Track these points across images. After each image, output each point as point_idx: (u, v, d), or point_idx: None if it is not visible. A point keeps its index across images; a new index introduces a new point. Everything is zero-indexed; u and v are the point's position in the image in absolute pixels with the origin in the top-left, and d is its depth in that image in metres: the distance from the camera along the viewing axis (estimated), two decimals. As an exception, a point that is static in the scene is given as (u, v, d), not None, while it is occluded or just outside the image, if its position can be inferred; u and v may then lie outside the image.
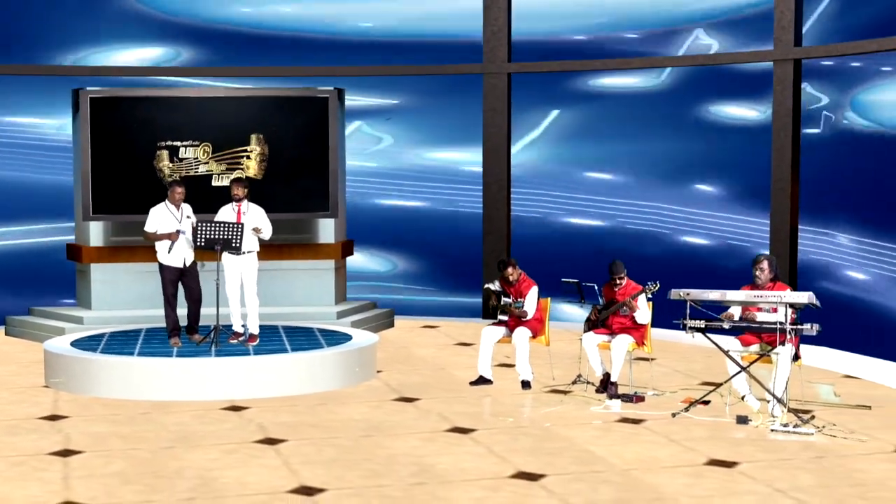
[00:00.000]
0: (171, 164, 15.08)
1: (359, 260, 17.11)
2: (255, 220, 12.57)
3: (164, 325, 13.02)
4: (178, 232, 12.52)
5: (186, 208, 12.74)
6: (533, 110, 17.12)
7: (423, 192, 17.60)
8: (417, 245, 17.59)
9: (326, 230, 15.89)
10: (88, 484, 8.54)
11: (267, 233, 12.67)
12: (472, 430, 10.16)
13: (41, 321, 15.34)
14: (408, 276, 17.70)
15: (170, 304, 12.67)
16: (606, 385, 11.49)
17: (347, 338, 13.03)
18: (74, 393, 11.79)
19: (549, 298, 12.30)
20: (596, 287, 11.92)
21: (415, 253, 17.67)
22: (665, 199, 16.49)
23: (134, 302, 15.10)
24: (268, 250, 13.42)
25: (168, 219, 12.59)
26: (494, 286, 12.22)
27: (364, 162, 17.52)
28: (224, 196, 13.07)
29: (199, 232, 12.34)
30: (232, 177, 14.61)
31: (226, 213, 12.67)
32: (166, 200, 12.71)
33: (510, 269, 12.00)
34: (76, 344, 12.64)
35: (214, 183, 15.09)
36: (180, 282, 12.71)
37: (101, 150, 15.12)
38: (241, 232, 12.36)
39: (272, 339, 12.97)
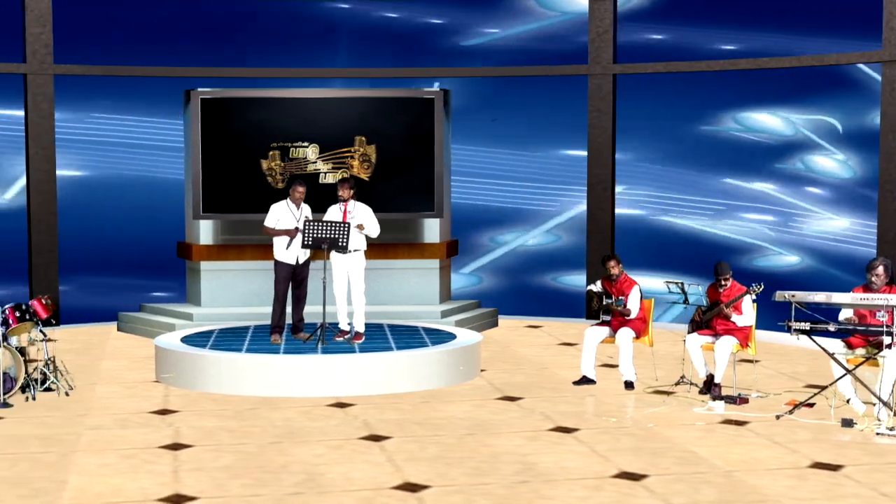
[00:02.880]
0: (281, 164, 15.31)
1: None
2: (361, 219, 12.70)
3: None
4: (296, 229, 12.71)
5: (305, 209, 12.94)
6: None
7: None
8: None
9: (432, 230, 16.01)
10: (197, 477, 8.73)
11: (374, 231, 12.79)
12: (575, 430, 10.19)
13: (152, 317, 15.64)
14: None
15: (279, 301, 12.86)
16: (710, 386, 11.45)
17: (452, 337, 13.11)
18: (184, 388, 12.02)
19: (652, 299, 12.29)
20: (700, 288, 11.90)
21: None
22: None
23: (243, 299, 15.37)
24: (374, 249, 13.55)
25: (287, 216, 12.82)
26: (597, 287, 12.22)
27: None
28: (332, 194, 13.20)
29: (306, 231, 12.50)
30: (338, 176, 14.80)
31: (333, 213, 12.82)
32: (287, 199, 12.95)
33: (612, 263, 12.01)
34: (186, 340, 12.87)
35: (321, 181, 15.28)
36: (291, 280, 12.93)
37: (212, 149, 15.41)
38: (348, 231, 12.49)
39: (377, 337, 13.10)
